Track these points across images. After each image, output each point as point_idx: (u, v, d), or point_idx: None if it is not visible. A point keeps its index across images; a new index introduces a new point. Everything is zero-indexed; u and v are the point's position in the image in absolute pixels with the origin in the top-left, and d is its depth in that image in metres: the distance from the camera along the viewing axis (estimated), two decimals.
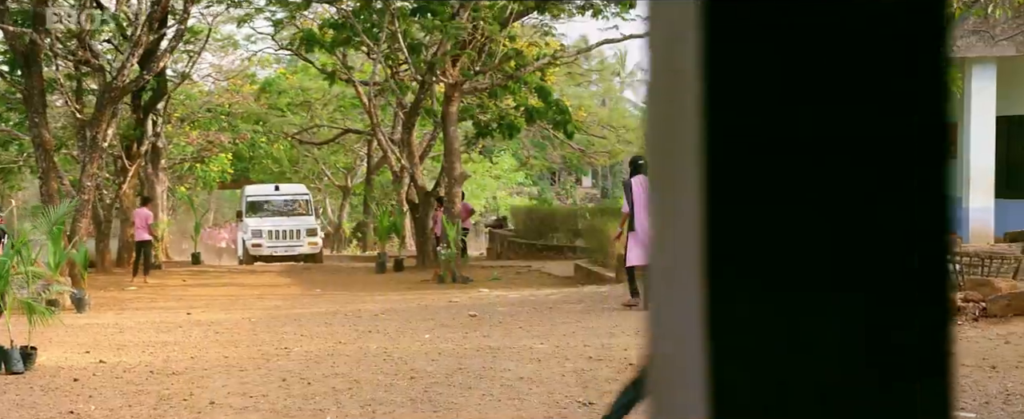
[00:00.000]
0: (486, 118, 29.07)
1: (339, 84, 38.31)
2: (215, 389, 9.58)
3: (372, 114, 35.12)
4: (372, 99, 35.13)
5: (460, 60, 24.24)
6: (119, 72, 22.47)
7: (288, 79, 43.09)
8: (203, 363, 11.22)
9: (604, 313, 14.51)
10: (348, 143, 45.21)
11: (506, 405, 8.51)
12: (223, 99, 41.39)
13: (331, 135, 41.72)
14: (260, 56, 41.37)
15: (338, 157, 50.26)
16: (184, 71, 30.63)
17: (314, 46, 30.31)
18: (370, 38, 26.52)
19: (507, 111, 29.12)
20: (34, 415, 8.49)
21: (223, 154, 44.16)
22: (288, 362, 11.07)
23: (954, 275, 11.99)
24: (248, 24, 32.19)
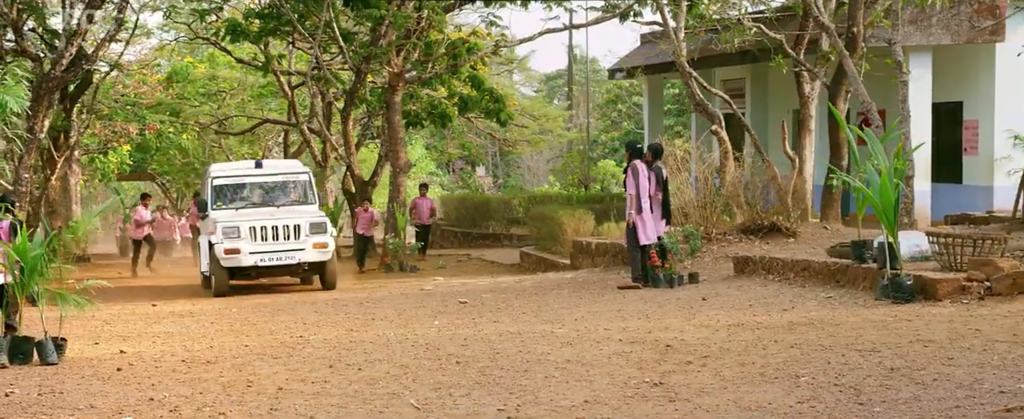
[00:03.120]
0: (417, 108, 29.12)
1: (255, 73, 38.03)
2: (270, 375, 9.65)
3: (295, 104, 35.09)
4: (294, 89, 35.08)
5: (404, 49, 24.28)
6: (57, 62, 22.07)
7: (197, 68, 42.52)
8: (230, 352, 11.24)
9: (596, 297, 14.80)
10: (262, 133, 44.74)
11: (575, 387, 8.74)
12: (130, 89, 40.69)
13: (249, 125, 41.24)
14: (174, 44, 40.68)
15: (245, 148, 49.71)
16: (114, 61, 30.10)
17: (239, 36, 30.02)
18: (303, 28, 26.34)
19: (438, 100, 29.22)
20: (117, 403, 8.49)
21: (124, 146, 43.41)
22: (315, 349, 11.15)
23: (953, 256, 12.54)
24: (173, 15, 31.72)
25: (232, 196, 21.00)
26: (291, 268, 19.90)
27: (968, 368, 8.62)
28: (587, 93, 45.78)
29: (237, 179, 21.20)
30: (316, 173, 39.27)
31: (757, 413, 7.63)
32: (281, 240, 19.43)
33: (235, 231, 19.34)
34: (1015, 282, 11.64)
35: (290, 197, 21.16)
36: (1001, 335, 9.85)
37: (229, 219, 19.72)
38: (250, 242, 19.29)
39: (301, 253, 19.51)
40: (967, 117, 22.64)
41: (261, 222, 19.48)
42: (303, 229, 19.56)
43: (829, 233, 18.10)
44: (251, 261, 19.30)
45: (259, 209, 20.47)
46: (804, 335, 10.48)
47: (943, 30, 21.39)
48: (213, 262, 19.53)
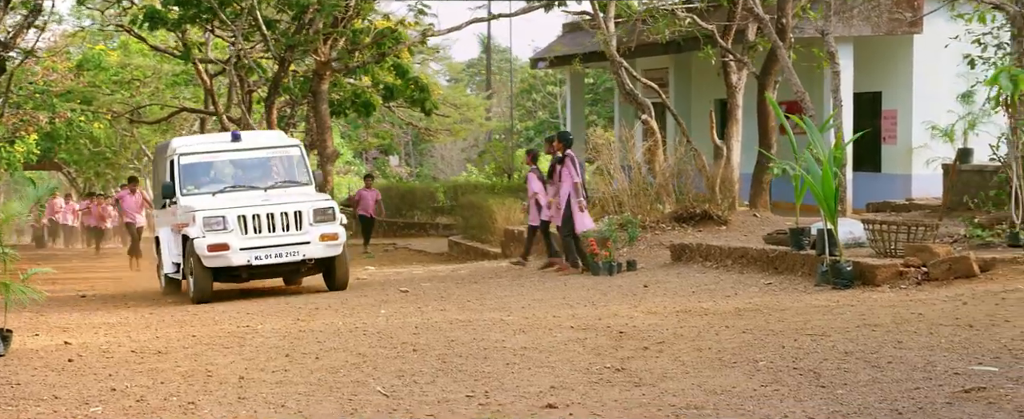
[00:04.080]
0: (340, 96, 28.99)
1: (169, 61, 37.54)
2: (228, 365, 9.61)
3: (214, 93, 34.72)
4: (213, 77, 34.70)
5: (332, 38, 24.16)
6: None
7: (109, 56, 41.86)
8: (179, 342, 11.17)
9: (537, 285, 14.93)
10: (177, 122, 44.19)
11: (538, 373, 8.84)
12: (39, 77, 39.94)
13: (165, 113, 40.70)
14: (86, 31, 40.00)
15: (158, 137, 49.05)
16: (29, 47, 29.50)
17: (157, 24, 29.60)
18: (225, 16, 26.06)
19: (362, 89, 29.12)
20: (80, 394, 8.40)
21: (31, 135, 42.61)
22: (266, 339, 11.12)
23: (888, 243, 12.86)
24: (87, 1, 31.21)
25: (205, 177, 16.74)
26: (292, 267, 15.96)
27: (919, 351, 8.86)
28: (512, 82, 45.89)
29: (211, 156, 16.89)
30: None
31: (723, 397, 7.78)
32: (279, 231, 15.46)
33: (220, 222, 15.29)
34: (951, 267, 11.97)
35: (278, 176, 16.99)
36: (944, 319, 10.13)
37: (210, 207, 15.55)
38: (240, 235, 15.31)
39: (305, 248, 15.53)
40: (886, 107, 23.15)
41: (253, 209, 15.44)
42: (306, 217, 15.58)
43: (759, 221, 18.42)
44: (242, 259, 15.28)
45: (243, 193, 16.27)
46: (753, 321, 10.68)
47: (863, 22, 21.84)
48: (192, 262, 15.54)
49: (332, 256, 15.78)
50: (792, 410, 7.32)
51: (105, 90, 40.19)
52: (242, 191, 16.37)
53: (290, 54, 25.23)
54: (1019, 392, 7.38)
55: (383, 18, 26.19)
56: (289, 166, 17.00)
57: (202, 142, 17.64)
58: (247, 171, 16.88)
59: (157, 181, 17.94)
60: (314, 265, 15.88)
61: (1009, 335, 9.18)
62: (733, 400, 7.67)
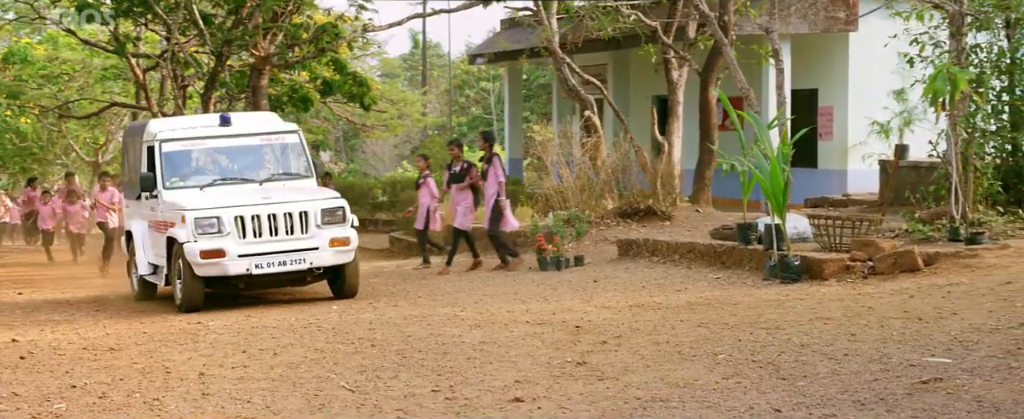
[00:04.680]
0: (277, 92, 28.81)
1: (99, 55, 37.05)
2: (185, 361, 9.56)
3: (147, 87, 34.32)
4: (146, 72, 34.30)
5: (271, 33, 24.00)
6: None
7: (36, 49, 41.23)
8: (130, 339, 11.08)
9: (486, 280, 14.97)
10: (107, 117, 43.62)
11: (500, 367, 8.89)
12: None
13: (95, 108, 40.16)
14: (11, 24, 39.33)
15: (86, 132, 48.43)
16: None
17: (89, 17, 29.22)
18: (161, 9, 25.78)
19: (300, 84, 28.97)
20: (40, 391, 8.32)
21: None
22: (219, 335, 11.07)
23: (833, 237, 13.06)
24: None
25: (191, 167, 14.48)
26: (296, 276, 13.72)
27: (872, 343, 9.03)
28: (450, 78, 45.85)
29: (196, 142, 14.48)
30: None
31: (687, 390, 7.88)
32: (283, 235, 13.27)
33: (215, 224, 13.14)
34: (896, 262, 12.18)
35: (274, 167, 14.73)
36: (893, 312, 10.31)
37: (203, 205, 13.36)
38: (237, 240, 13.12)
39: (313, 254, 13.37)
40: (822, 104, 23.47)
41: (253, 209, 13.27)
42: (313, 218, 13.42)
43: (701, 216, 18.61)
44: (241, 268, 13.13)
45: (237, 188, 14.03)
46: (706, 314, 10.81)
47: (801, 19, 22.12)
48: (179, 268, 13.41)
49: (343, 263, 13.66)
50: (756, 402, 7.43)
51: (32, 84, 39.61)
52: (234, 185, 14.13)
53: (227, 49, 25.04)
54: (975, 383, 7.56)
55: (324, 13, 26.04)
56: (287, 155, 14.72)
57: (186, 126, 14.89)
58: (239, 161, 14.62)
59: (129, 167, 15.77)
60: (320, 273, 13.80)
61: (958, 327, 9.37)
62: (697, 393, 7.77)
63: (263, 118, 16.01)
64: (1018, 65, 15.38)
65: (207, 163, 14.59)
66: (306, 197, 13.69)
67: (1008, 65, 15.34)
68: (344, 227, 13.58)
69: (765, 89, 21.31)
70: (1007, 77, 15.37)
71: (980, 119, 14.96)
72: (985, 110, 14.93)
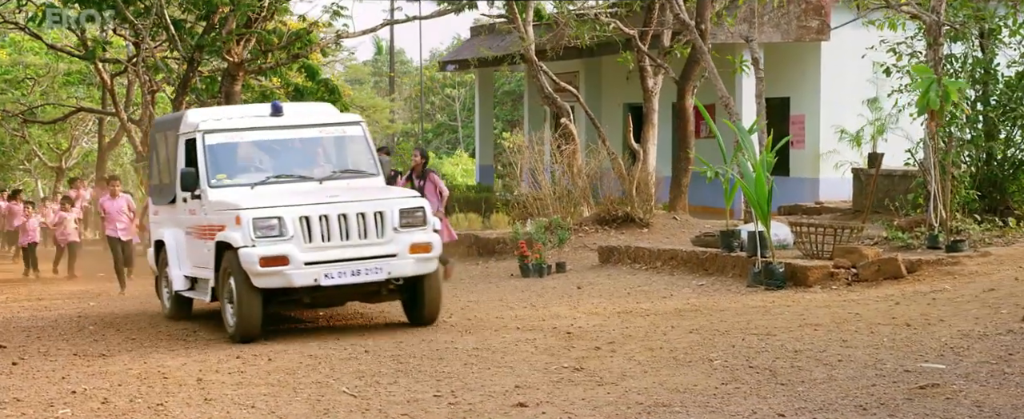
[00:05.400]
0: (248, 97, 28.73)
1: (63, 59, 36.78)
2: (180, 367, 9.56)
3: (114, 92, 34.14)
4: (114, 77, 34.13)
5: (245, 38, 23.95)
6: None
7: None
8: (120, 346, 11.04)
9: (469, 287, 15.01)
10: (74, 122, 43.31)
11: (498, 373, 8.94)
12: None
13: (60, 113, 39.88)
14: None
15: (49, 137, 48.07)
16: None
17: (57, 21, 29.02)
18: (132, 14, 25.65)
19: (271, 90, 28.89)
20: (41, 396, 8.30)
21: None
22: (210, 340, 11.11)
23: (815, 244, 13.20)
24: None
25: (240, 163, 12.37)
26: (370, 289, 11.57)
27: (865, 349, 9.14)
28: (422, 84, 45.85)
29: (244, 134, 12.37)
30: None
31: (687, 395, 7.96)
32: (355, 239, 11.17)
33: (276, 226, 11.01)
34: (879, 269, 12.33)
35: (333, 163, 12.70)
36: (880, 318, 10.45)
37: (261, 204, 11.23)
38: (303, 244, 11.02)
39: (391, 262, 11.23)
40: (794, 112, 23.66)
41: (319, 209, 11.17)
42: (390, 219, 11.30)
43: (679, 223, 18.72)
44: (307, 278, 11.00)
45: (295, 186, 12.00)
46: (696, 321, 10.90)
47: (774, 29, 22.30)
48: (231, 281, 11.21)
49: (423, 274, 11.48)
50: (758, 407, 7.52)
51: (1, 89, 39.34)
52: (290, 183, 12.09)
53: (199, 54, 24.96)
54: (972, 388, 7.68)
55: (299, 19, 25.98)
56: (348, 149, 12.75)
57: (234, 116, 12.84)
58: (293, 156, 12.66)
59: (160, 167, 13.61)
60: (396, 287, 11.61)
61: (947, 334, 9.51)
62: (698, 398, 7.85)
63: (319, 107, 14.04)
64: (992, 75, 15.60)
65: (257, 158, 12.49)
66: (380, 196, 11.67)
67: (982, 75, 15.56)
68: (425, 231, 11.44)
69: (739, 97, 21.46)
70: (981, 87, 15.58)
71: (955, 128, 15.17)
72: (961, 120, 15.12)
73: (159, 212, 13.65)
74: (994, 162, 15.46)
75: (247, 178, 12.10)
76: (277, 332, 11.39)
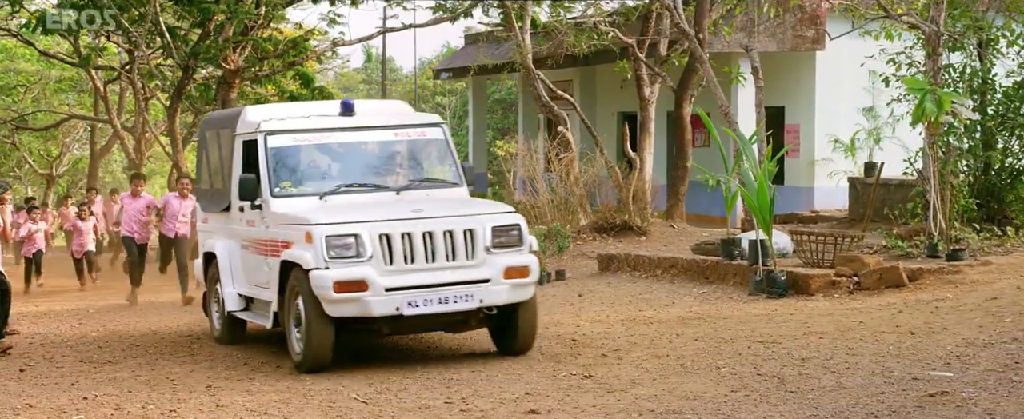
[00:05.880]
0: (243, 105, 28.75)
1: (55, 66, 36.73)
2: (189, 374, 9.57)
3: (108, 99, 34.12)
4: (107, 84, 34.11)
5: (241, 46, 23.96)
6: None
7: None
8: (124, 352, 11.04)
9: None
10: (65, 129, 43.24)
11: (507, 380, 8.98)
12: None
13: (53, 120, 39.84)
14: None
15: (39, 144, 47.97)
16: None
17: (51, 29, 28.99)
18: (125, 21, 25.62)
19: (265, 97, 28.92)
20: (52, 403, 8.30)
21: None
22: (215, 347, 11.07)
23: (816, 253, 13.25)
24: None
25: (304, 170, 10.91)
26: (459, 318, 10.07)
27: (871, 357, 9.19)
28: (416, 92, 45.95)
29: (313, 136, 10.87)
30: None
31: (697, 402, 8.00)
32: (441, 261, 9.73)
33: (353, 245, 9.56)
34: (881, 277, 12.39)
35: (412, 171, 11.25)
36: (885, 327, 10.50)
37: (335, 219, 9.74)
38: (383, 266, 9.59)
39: (483, 289, 9.76)
40: (789, 121, 23.73)
41: (402, 225, 9.71)
42: (481, 238, 9.85)
43: (676, 232, 18.78)
44: (389, 306, 9.53)
45: (369, 197, 10.61)
46: (700, 329, 10.94)
47: (769, 38, 22.38)
48: (299, 306, 9.76)
49: (521, 301, 9.96)
50: (769, 414, 7.56)
51: None
52: (364, 193, 10.67)
53: (194, 61, 24.98)
54: (982, 396, 7.73)
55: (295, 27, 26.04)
56: (429, 155, 11.34)
57: (299, 114, 11.23)
58: (367, 161, 11.23)
59: (211, 169, 12.16)
60: (490, 314, 10.00)
61: (952, 342, 9.56)
62: (708, 405, 7.89)
63: (393, 105, 12.68)
64: (990, 85, 15.69)
65: (326, 164, 11.08)
66: (469, 210, 10.20)
67: (980, 85, 15.65)
68: (521, 252, 9.97)
69: (735, 107, 21.53)
70: (979, 97, 15.67)
71: (954, 138, 15.26)
72: (959, 130, 15.21)
73: (209, 220, 12.20)
74: (992, 172, 15.54)
75: (315, 186, 10.65)
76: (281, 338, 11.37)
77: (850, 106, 22.13)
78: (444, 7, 23.96)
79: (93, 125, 39.87)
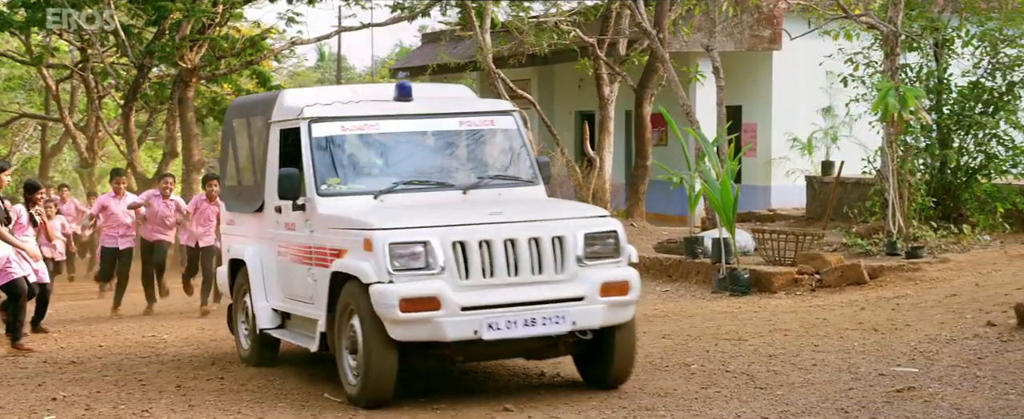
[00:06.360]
0: (197, 104, 28.59)
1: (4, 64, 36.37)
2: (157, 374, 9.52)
3: (59, 98, 33.79)
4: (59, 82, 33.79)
5: (198, 44, 23.82)
6: None
7: None
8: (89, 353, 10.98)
9: None
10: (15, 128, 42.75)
11: (479, 378, 9.02)
12: None
13: (2, 119, 39.37)
14: None
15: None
16: None
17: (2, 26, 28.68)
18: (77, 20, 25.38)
19: (221, 96, 28.79)
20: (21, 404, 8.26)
21: None
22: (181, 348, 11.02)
23: (780, 251, 13.39)
24: None
25: (358, 165, 9.30)
26: (546, 344, 8.43)
27: (837, 354, 9.31)
28: None
29: (366, 125, 9.21)
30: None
31: (670, 399, 8.07)
32: (526, 274, 8.18)
33: (421, 254, 8.06)
34: (843, 275, 12.53)
35: (484, 168, 9.53)
36: (848, 323, 10.63)
37: (395, 222, 8.22)
38: (458, 280, 8.05)
39: (576, 309, 8.16)
40: (746, 120, 23.90)
41: (479, 231, 8.18)
42: (571, 247, 8.28)
43: (637, 230, 18.87)
44: (465, 329, 7.97)
45: (430, 196, 9.03)
46: (665, 326, 11.02)
47: (726, 38, 22.51)
48: (355, 327, 8.18)
49: (620, 323, 8.42)
50: (742, 411, 7.64)
51: None
52: (428, 191, 9.08)
53: (149, 60, 24.83)
54: (948, 391, 7.85)
55: (252, 25, 25.93)
56: (500, 148, 9.66)
57: (347, 99, 9.52)
58: (428, 155, 9.51)
59: (238, 163, 10.55)
60: (583, 338, 8.40)
61: (915, 338, 9.70)
62: (680, 401, 7.97)
63: (454, 89, 11.08)
64: (945, 85, 15.90)
65: (380, 157, 9.39)
66: (557, 214, 8.66)
67: (936, 85, 15.85)
68: (620, 264, 8.49)
69: (694, 105, 21.67)
70: (935, 96, 15.87)
71: (911, 137, 15.46)
72: (916, 129, 15.41)
73: (235, 222, 10.52)
74: (948, 170, 15.75)
75: (369, 184, 9.04)
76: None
77: (807, 106, 22.31)
78: (402, 6, 23.93)
79: (44, 124, 39.45)
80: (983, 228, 15.09)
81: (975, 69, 15.96)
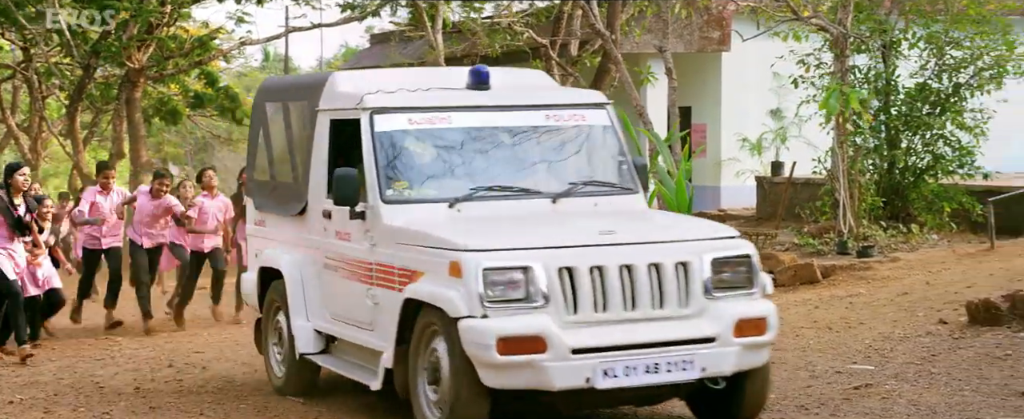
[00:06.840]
0: (145, 104, 28.38)
1: None
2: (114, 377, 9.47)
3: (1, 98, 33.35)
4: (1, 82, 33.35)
5: (146, 45, 23.63)
6: None
7: None
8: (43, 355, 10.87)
9: None
10: None
11: None
12: None
13: None
14: None
15: None
16: None
17: None
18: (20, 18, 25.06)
19: (168, 97, 28.61)
20: None
21: None
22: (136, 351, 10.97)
23: None
24: None
25: (429, 166, 7.71)
26: (666, 391, 7.11)
27: (794, 352, 9.41)
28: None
29: (437, 117, 7.65)
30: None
31: None
32: (647, 309, 6.77)
33: (521, 282, 6.60)
34: (796, 274, 12.67)
35: (575, 171, 7.95)
36: (803, 322, 10.74)
37: (489, 241, 6.79)
38: (566, 315, 6.63)
39: (707, 351, 6.77)
40: (696, 121, 24.07)
41: (589, 254, 6.73)
42: (697, 274, 6.86)
43: None
44: (576, 377, 6.55)
45: (516, 206, 7.56)
46: None
47: (676, 39, 22.64)
48: (447, 369, 6.72)
49: (754, 368, 7.06)
50: None
51: None
52: (512, 199, 7.60)
53: (95, 60, 24.60)
54: (904, 388, 7.97)
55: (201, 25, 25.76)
56: (593, 148, 8.10)
57: (413, 86, 7.93)
58: (512, 155, 7.88)
59: (273, 155, 8.99)
60: (714, 386, 6.98)
61: (869, 336, 9.83)
62: None
63: (534, 77, 9.66)
64: (893, 86, 16.12)
65: (454, 157, 7.75)
66: (677, 233, 7.26)
67: (884, 86, 16.07)
68: (754, 296, 7.12)
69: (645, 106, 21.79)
70: (883, 97, 16.09)
71: (860, 138, 15.67)
72: (865, 130, 15.61)
73: (267, 224, 8.96)
74: (896, 170, 15.97)
75: (442, 189, 7.53)
76: (202, 344, 11.30)
77: (757, 107, 22.51)
78: (352, 5, 23.88)
79: None
80: (931, 227, 15.33)
81: (922, 71, 16.20)
